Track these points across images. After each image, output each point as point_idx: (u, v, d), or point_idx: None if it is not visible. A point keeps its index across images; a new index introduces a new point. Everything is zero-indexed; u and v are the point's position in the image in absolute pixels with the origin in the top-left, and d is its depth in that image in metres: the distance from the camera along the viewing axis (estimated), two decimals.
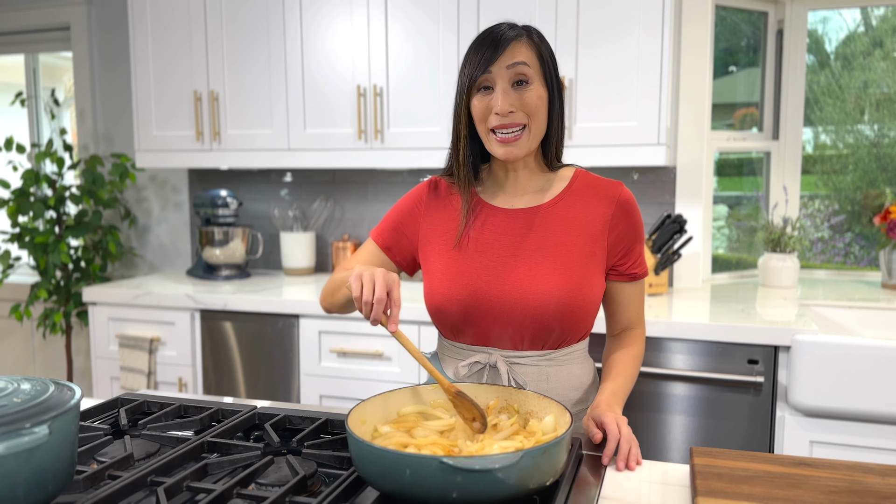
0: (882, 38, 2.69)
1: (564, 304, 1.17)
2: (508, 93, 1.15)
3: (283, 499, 0.82)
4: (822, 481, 0.91)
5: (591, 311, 1.22)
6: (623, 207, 1.23)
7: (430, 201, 1.30)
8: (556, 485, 0.89)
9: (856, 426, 1.82)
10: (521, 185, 1.26)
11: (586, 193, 1.24)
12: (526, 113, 1.16)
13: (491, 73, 1.15)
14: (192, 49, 2.65)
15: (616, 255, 1.24)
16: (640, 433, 2.01)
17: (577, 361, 1.27)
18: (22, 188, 2.91)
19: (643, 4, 2.15)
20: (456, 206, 1.28)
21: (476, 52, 1.16)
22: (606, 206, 1.23)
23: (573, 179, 1.26)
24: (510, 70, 1.14)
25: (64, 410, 0.75)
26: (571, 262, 1.20)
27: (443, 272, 1.24)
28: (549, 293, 1.17)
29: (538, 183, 1.26)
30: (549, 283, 1.18)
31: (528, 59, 1.15)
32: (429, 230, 1.29)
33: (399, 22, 2.40)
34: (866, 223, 2.65)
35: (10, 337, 3.56)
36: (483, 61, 1.15)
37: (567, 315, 1.18)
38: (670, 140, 2.32)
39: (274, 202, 3.02)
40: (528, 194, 1.25)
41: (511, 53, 1.15)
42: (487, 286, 1.20)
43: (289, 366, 2.38)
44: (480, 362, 1.23)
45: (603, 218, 1.22)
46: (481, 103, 1.17)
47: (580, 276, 1.19)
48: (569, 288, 1.18)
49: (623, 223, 1.23)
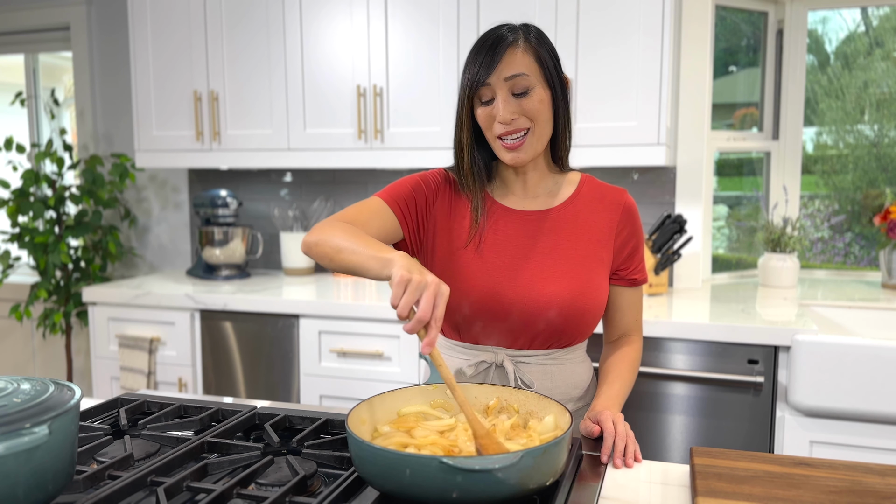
0: (882, 38, 2.69)
1: (574, 307, 1.20)
2: (509, 101, 1.15)
3: (283, 499, 0.82)
4: (822, 481, 0.91)
5: (598, 313, 1.25)
6: (628, 213, 1.27)
7: (444, 192, 1.29)
8: (556, 485, 0.89)
9: (856, 426, 1.82)
10: (531, 187, 1.27)
11: (594, 199, 1.27)
12: (528, 118, 1.16)
13: (489, 86, 1.15)
14: (192, 49, 2.65)
15: (620, 260, 1.27)
16: (640, 433, 2.01)
17: (579, 360, 1.29)
18: (22, 188, 2.91)
19: (643, 5, 2.15)
20: (465, 204, 1.28)
21: (474, 59, 1.17)
22: (613, 212, 1.26)
23: (581, 184, 1.29)
24: (509, 81, 1.15)
25: (64, 410, 0.75)
26: (580, 266, 1.22)
27: (454, 270, 1.24)
28: (560, 295, 1.19)
29: (547, 185, 1.28)
30: (559, 285, 1.20)
31: (526, 67, 1.15)
32: (439, 223, 1.27)
33: (399, 22, 2.40)
34: (866, 223, 2.65)
35: (10, 337, 3.56)
36: (481, 72, 1.15)
37: (576, 317, 1.20)
38: (670, 140, 2.32)
39: (274, 202, 3.02)
40: (539, 196, 1.27)
41: (508, 64, 1.14)
42: (499, 287, 1.21)
43: (289, 366, 2.38)
44: (487, 362, 1.24)
45: (610, 223, 1.26)
46: (485, 112, 1.18)
47: (588, 280, 1.22)
48: (578, 291, 1.20)
49: (627, 229, 1.27)
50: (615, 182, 2.58)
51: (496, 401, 1.05)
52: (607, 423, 1.08)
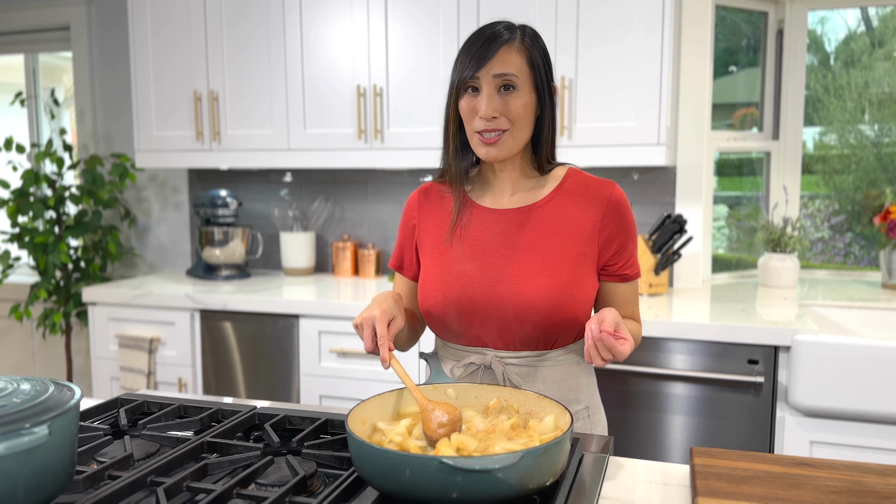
0: (883, 38, 2.69)
1: (555, 305, 1.17)
2: (493, 98, 1.15)
3: (283, 499, 0.82)
4: (822, 481, 0.91)
5: (583, 311, 1.21)
6: (614, 207, 1.22)
7: (422, 208, 1.32)
8: (556, 485, 0.89)
9: (856, 426, 1.82)
10: (508, 186, 1.26)
11: (577, 193, 1.24)
12: (509, 119, 1.16)
13: (478, 79, 1.16)
14: (191, 49, 2.65)
15: (607, 256, 1.23)
16: (641, 433, 2.01)
17: (573, 362, 1.25)
18: (22, 188, 2.91)
19: (643, 4, 2.15)
20: (447, 208, 1.28)
21: (467, 52, 1.17)
22: (597, 206, 1.22)
23: (564, 179, 1.26)
24: (497, 79, 1.15)
25: (64, 410, 0.75)
26: (562, 263, 1.19)
27: (434, 274, 1.24)
28: (540, 294, 1.17)
29: (527, 184, 1.26)
30: (539, 283, 1.18)
31: (516, 67, 1.15)
32: (423, 234, 1.31)
33: (399, 22, 2.40)
34: (866, 223, 2.65)
35: (10, 337, 3.56)
36: (472, 65, 1.15)
37: (558, 315, 1.18)
38: (670, 140, 2.32)
39: (274, 202, 3.02)
40: (517, 194, 1.26)
41: (499, 61, 1.15)
42: (478, 287, 1.20)
43: (289, 366, 2.38)
44: (475, 363, 1.23)
45: (594, 218, 1.22)
46: (468, 105, 1.18)
47: (571, 277, 1.19)
48: (559, 288, 1.18)
49: (614, 223, 1.22)
50: (616, 180, 2.58)
51: (496, 401, 1.05)
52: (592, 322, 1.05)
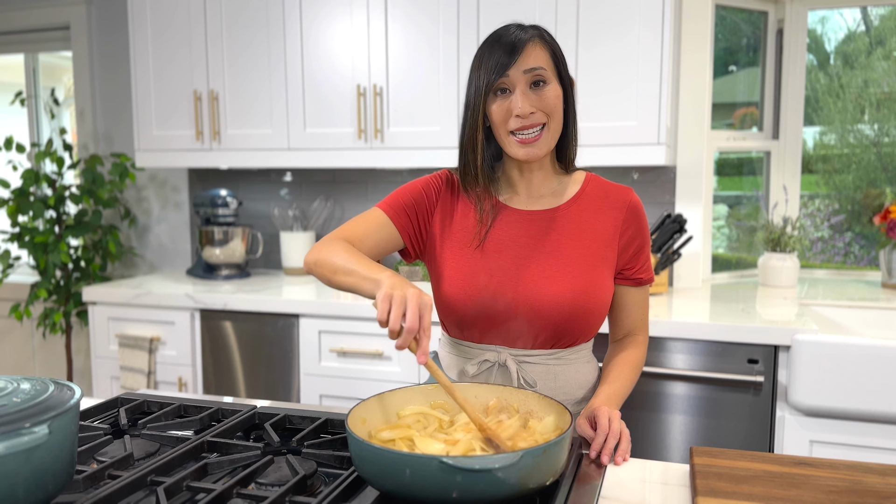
0: (883, 38, 2.69)
1: (577, 306, 1.19)
2: (528, 94, 1.16)
3: (283, 499, 0.82)
4: (822, 481, 0.91)
5: (602, 313, 1.25)
6: (633, 212, 1.26)
7: (445, 196, 1.30)
8: (556, 485, 0.89)
9: (856, 426, 1.82)
10: (535, 188, 1.27)
11: (599, 198, 1.27)
12: (545, 112, 1.17)
13: (509, 77, 1.16)
14: (191, 49, 2.65)
15: (625, 259, 1.26)
16: (640, 433, 2.01)
17: (584, 360, 1.28)
18: (22, 188, 2.91)
19: (643, 4, 2.15)
20: (469, 204, 1.28)
21: (490, 55, 1.17)
22: (618, 211, 1.26)
23: (586, 183, 1.28)
24: (528, 74, 1.16)
25: (64, 410, 0.75)
26: (585, 265, 1.22)
27: (458, 270, 1.24)
28: (564, 295, 1.19)
29: (551, 185, 1.28)
30: (563, 285, 1.20)
31: (544, 61, 1.17)
32: (443, 226, 1.28)
33: (399, 22, 2.40)
34: (866, 223, 2.65)
35: (10, 337, 3.56)
36: (500, 66, 1.15)
37: (579, 317, 1.20)
38: (670, 139, 2.32)
39: (274, 202, 3.02)
40: (543, 197, 1.27)
41: (528, 57, 1.16)
42: (503, 286, 1.21)
43: (289, 365, 2.38)
44: (490, 361, 1.24)
45: (615, 223, 1.25)
46: (500, 107, 1.18)
47: (593, 279, 1.22)
48: (582, 290, 1.20)
49: (633, 228, 1.26)
50: (615, 181, 2.58)
51: (496, 401, 1.05)
52: (602, 419, 1.07)
